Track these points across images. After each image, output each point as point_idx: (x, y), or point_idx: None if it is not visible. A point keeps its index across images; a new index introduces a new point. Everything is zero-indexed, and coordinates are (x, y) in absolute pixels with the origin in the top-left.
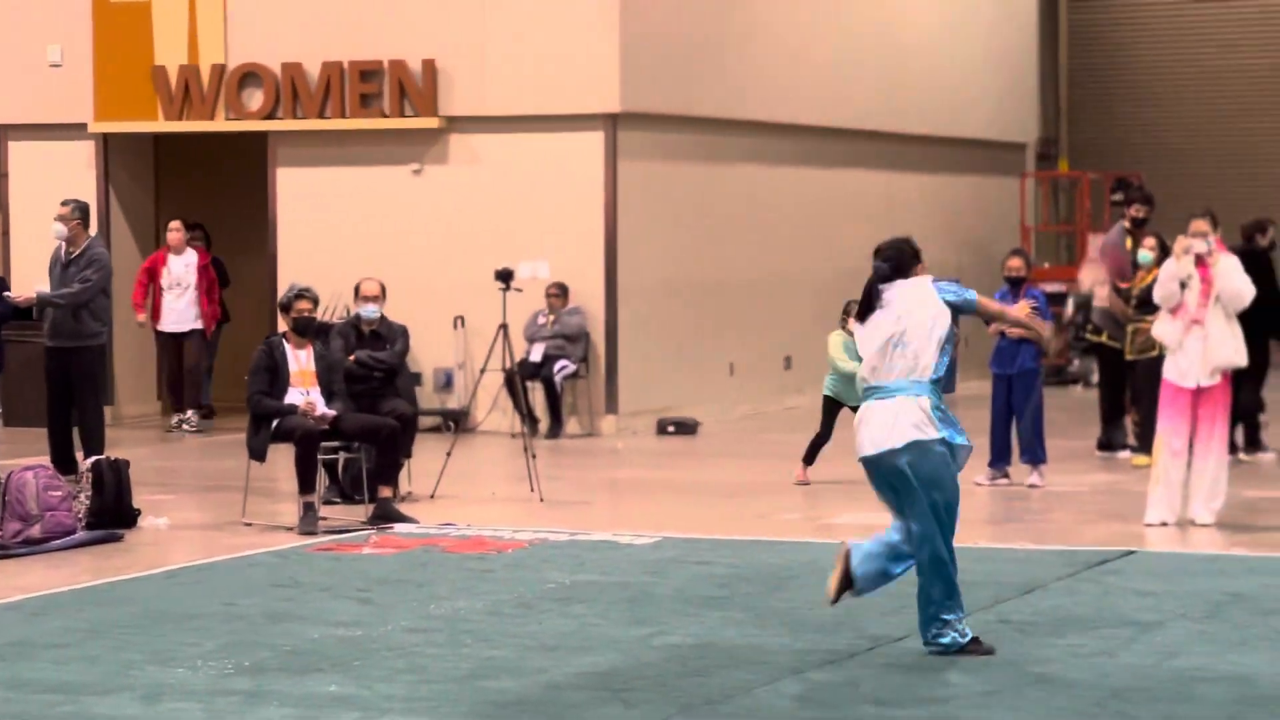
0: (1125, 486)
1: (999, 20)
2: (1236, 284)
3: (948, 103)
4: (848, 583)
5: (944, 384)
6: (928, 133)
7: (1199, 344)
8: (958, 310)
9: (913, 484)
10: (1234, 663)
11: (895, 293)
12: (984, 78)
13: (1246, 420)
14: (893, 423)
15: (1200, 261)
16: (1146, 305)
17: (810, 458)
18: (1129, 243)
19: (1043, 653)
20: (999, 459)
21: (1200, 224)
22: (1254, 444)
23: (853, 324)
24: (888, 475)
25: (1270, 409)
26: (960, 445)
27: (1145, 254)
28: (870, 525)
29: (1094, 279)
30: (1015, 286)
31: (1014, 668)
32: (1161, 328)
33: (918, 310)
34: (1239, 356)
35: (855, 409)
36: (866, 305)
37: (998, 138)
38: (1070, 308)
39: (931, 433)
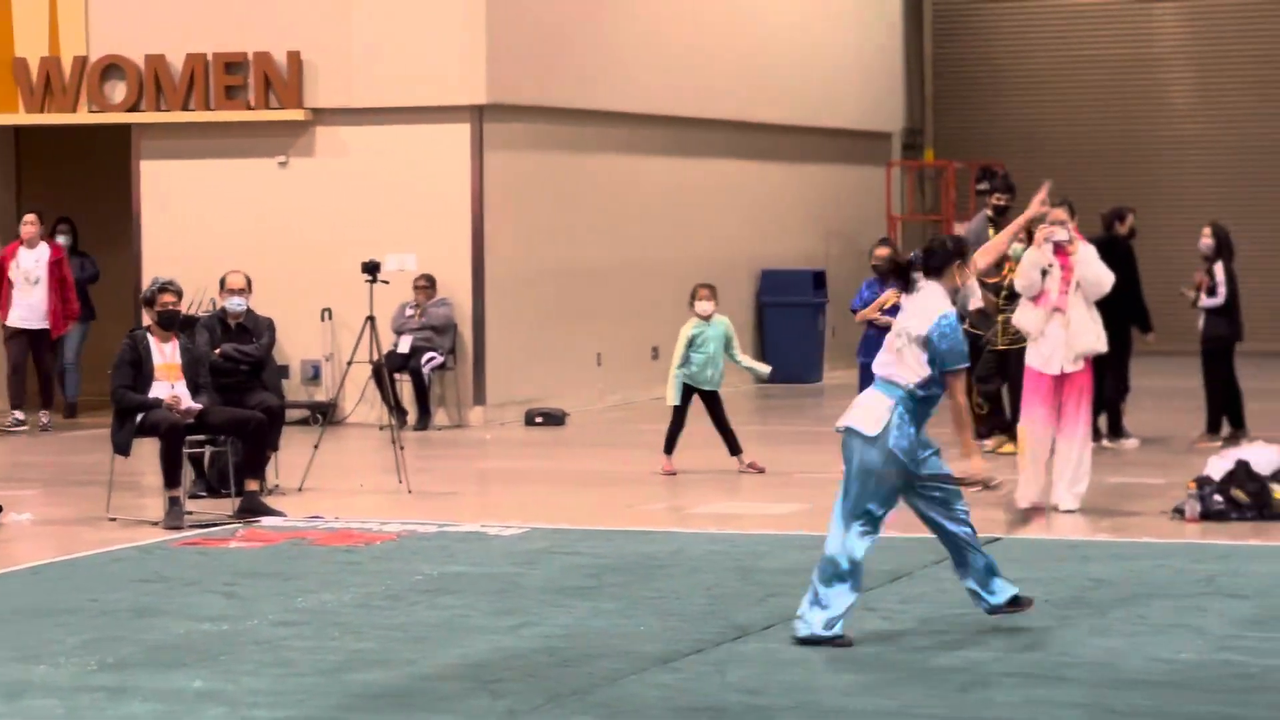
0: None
1: (864, 10)
2: (1096, 271)
3: (813, 92)
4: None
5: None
6: (793, 122)
7: (1061, 331)
8: (933, 356)
9: (850, 470)
10: (1098, 647)
11: (920, 293)
12: (849, 67)
13: (1109, 408)
14: (855, 406)
15: (1060, 249)
16: (1017, 295)
17: (669, 447)
18: (991, 231)
19: (909, 640)
20: None
21: (1058, 212)
22: (1117, 431)
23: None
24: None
25: (1132, 396)
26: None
27: (1015, 245)
28: (731, 515)
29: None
30: (882, 275)
31: (880, 656)
32: (1023, 316)
33: (916, 321)
34: (1100, 343)
35: (707, 393)
36: (904, 284)
37: (863, 127)
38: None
39: (873, 430)
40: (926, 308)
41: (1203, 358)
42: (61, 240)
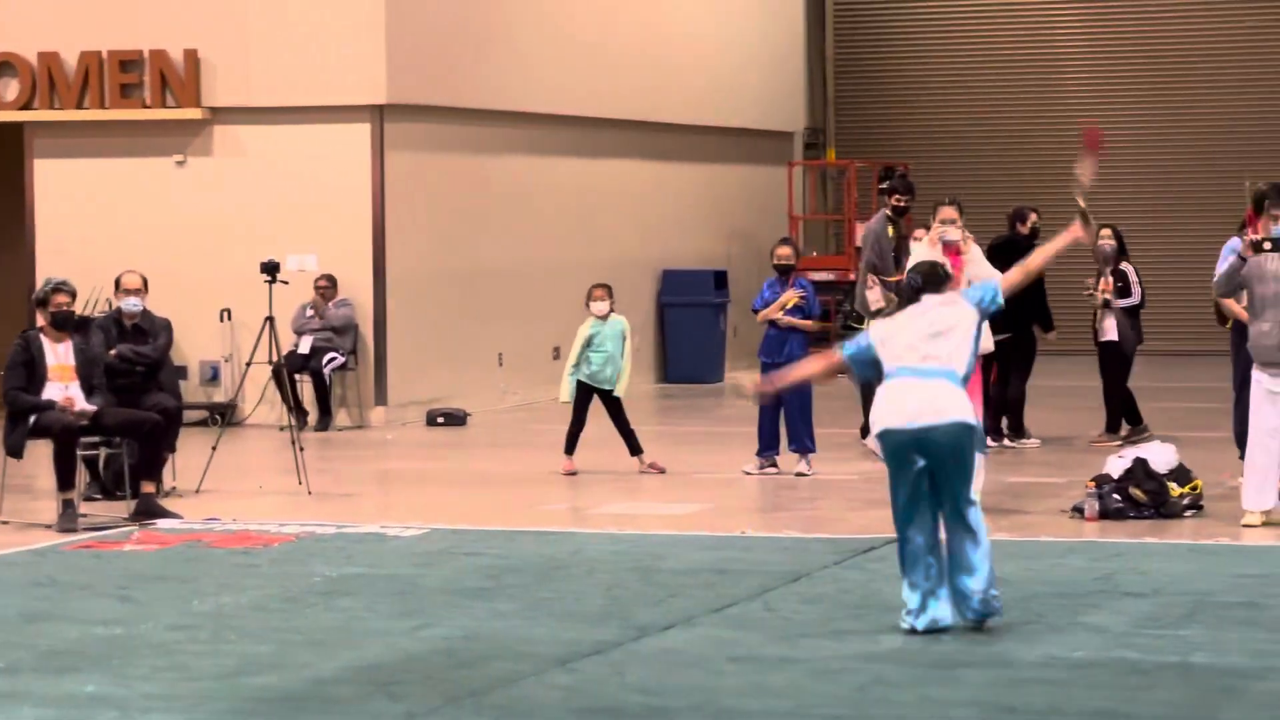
0: None
1: (765, 10)
2: (986, 272)
3: (714, 92)
4: None
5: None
6: (694, 122)
7: None
8: (984, 310)
9: (962, 459)
10: (995, 646)
11: (929, 301)
12: (750, 67)
13: (1013, 407)
14: (935, 401)
15: (951, 249)
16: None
17: (570, 447)
18: (890, 231)
19: (808, 640)
20: (768, 447)
21: (948, 211)
22: (1019, 430)
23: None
24: (926, 448)
25: (1036, 395)
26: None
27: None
28: (631, 515)
29: (881, 298)
30: (784, 274)
31: (779, 655)
32: None
33: (950, 312)
34: (989, 342)
35: (607, 393)
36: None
37: (765, 127)
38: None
39: (972, 418)
40: (951, 300)
41: (1114, 359)
42: None
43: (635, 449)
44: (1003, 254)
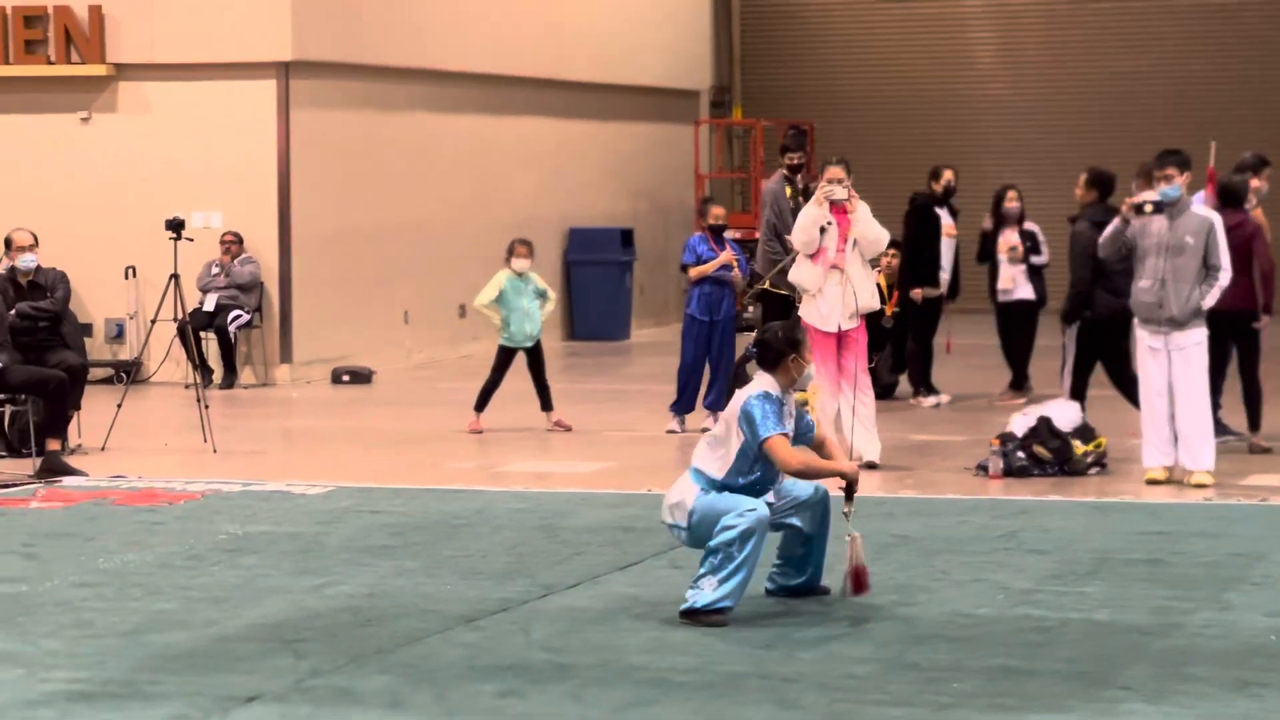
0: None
1: None
2: (874, 230)
3: (620, 50)
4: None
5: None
6: (601, 80)
7: (838, 289)
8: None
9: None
10: (899, 603)
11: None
12: (656, 24)
13: (912, 363)
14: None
15: (838, 207)
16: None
17: (481, 404)
18: (788, 190)
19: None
20: (686, 408)
21: (836, 170)
22: (929, 388)
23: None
24: None
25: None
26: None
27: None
28: (537, 473)
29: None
30: (717, 234)
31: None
32: (801, 272)
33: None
34: (875, 300)
35: (530, 349)
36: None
37: (671, 85)
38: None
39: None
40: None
41: (1026, 317)
42: None
43: (547, 405)
44: (919, 214)
